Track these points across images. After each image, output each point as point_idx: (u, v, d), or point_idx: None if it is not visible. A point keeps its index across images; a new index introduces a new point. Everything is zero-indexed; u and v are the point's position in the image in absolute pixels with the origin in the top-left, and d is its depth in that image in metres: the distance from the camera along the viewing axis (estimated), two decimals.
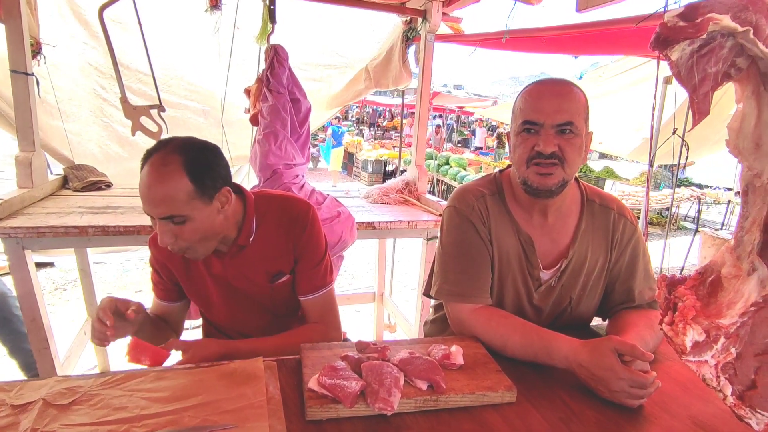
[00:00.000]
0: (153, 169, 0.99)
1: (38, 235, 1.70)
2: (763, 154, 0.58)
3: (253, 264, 1.18)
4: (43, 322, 1.86)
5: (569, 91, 1.04)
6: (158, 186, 0.98)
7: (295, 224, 1.19)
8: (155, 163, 1.00)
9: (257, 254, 1.18)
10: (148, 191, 0.98)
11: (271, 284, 1.21)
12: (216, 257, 1.17)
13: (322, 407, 0.81)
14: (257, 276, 1.19)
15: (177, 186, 0.98)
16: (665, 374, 1.04)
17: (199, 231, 1.04)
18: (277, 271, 1.21)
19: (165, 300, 1.27)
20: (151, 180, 0.98)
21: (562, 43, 2.49)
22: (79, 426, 0.73)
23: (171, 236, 1.02)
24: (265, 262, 1.19)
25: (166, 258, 1.20)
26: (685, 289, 0.62)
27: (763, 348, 0.56)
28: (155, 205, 0.99)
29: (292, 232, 1.19)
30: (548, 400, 0.92)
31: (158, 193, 0.98)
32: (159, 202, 0.98)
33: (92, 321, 1.02)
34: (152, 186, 0.98)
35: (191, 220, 1.02)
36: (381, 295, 3.28)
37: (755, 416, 0.58)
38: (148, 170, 0.99)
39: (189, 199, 1.00)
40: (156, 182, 0.98)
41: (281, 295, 1.23)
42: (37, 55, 2.27)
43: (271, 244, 1.19)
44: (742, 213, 0.61)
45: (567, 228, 1.17)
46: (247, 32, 2.63)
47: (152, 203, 0.99)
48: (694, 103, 0.54)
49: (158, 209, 0.99)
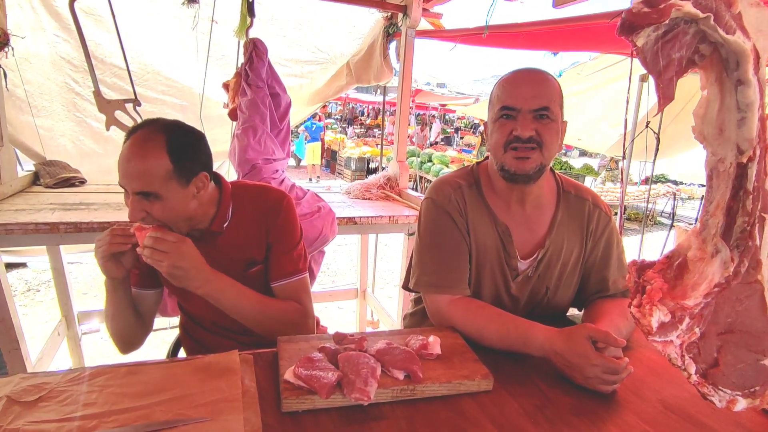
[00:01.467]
0: (135, 143, 1.01)
1: (6, 232, 1.64)
2: (725, 139, 0.59)
3: (227, 252, 1.18)
4: (13, 322, 1.80)
5: (544, 78, 1.06)
6: (137, 160, 0.99)
7: (269, 211, 1.20)
8: (138, 138, 1.01)
9: (231, 242, 1.18)
10: (127, 164, 0.99)
11: (245, 273, 1.20)
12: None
13: (298, 398, 0.80)
14: (231, 264, 1.18)
15: (156, 163, 0.99)
16: (637, 360, 1.06)
17: (172, 211, 1.04)
18: (251, 260, 1.21)
19: (139, 287, 1.22)
20: (131, 153, 0.99)
21: (540, 40, 2.52)
22: (46, 423, 0.71)
23: (142, 212, 1.02)
24: (239, 250, 1.19)
25: None
26: (653, 273, 0.64)
27: (725, 327, 0.58)
28: (131, 179, 1.00)
29: (265, 220, 1.19)
30: (524, 388, 0.93)
31: (137, 167, 0.99)
32: (136, 176, 0.99)
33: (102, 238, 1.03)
34: (131, 159, 0.99)
35: (164, 200, 1.02)
36: (363, 291, 3.28)
37: (718, 394, 0.59)
38: (130, 144, 1.01)
39: (166, 178, 1.01)
40: (136, 156, 0.99)
41: (255, 285, 1.21)
42: (4, 46, 2.18)
43: (245, 233, 1.19)
44: (707, 197, 0.63)
45: (544, 218, 1.19)
46: (226, 27, 2.59)
47: (129, 176, 1.00)
48: (660, 88, 0.55)
49: (134, 183, 1.00)
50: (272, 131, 2.14)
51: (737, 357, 0.63)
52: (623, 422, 0.84)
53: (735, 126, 0.57)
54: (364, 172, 10.32)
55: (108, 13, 2.08)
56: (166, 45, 2.79)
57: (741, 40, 0.55)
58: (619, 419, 0.85)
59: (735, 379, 0.64)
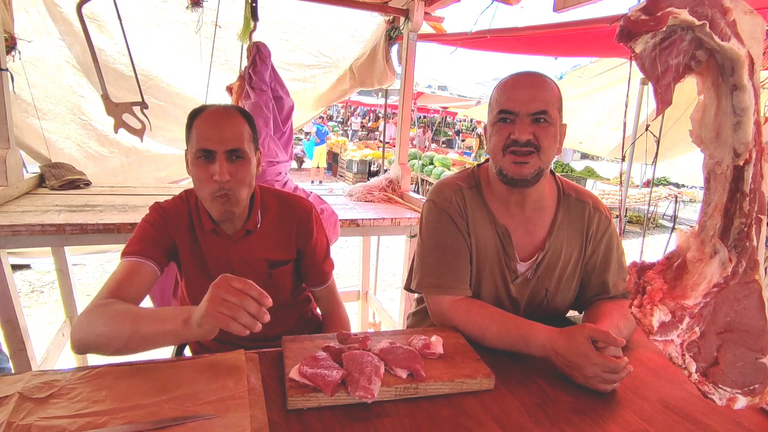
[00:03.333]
0: (221, 110, 1.10)
1: (14, 233, 1.66)
2: (722, 142, 0.61)
3: (254, 252, 1.22)
4: (19, 323, 1.82)
5: (543, 82, 1.07)
6: (228, 121, 1.08)
7: (299, 222, 1.26)
8: (219, 108, 1.11)
9: (259, 243, 1.23)
10: (219, 124, 1.07)
11: (269, 272, 1.25)
12: (221, 239, 1.19)
13: (303, 396, 0.82)
14: (257, 264, 1.23)
15: (242, 126, 1.11)
16: (637, 361, 1.07)
17: (248, 174, 1.12)
18: (276, 261, 1.26)
19: (145, 256, 1.10)
20: (221, 116, 1.08)
21: (541, 44, 2.54)
22: (57, 419, 0.73)
23: (228, 173, 1.07)
24: (265, 251, 1.23)
25: (173, 225, 1.18)
26: (653, 274, 0.65)
27: (724, 327, 0.59)
28: (224, 139, 1.06)
29: (295, 228, 1.26)
30: (525, 387, 0.94)
31: (229, 127, 1.08)
32: (229, 135, 1.07)
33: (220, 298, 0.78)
34: (222, 121, 1.08)
35: (247, 161, 1.11)
36: (365, 293, 3.29)
37: (718, 392, 0.61)
38: (215, 111, 1.09)
39: (249, 140, 1.12)
40: (226, 118, 1.08)
41: (277, 283, 1.27)
42: (11, 50, 2.22)
43: (273, 235, 1.24)
44: (705, 200, 0.64)
45: (543, 221, 1.20)
46: (229, 31, 2.61)
47: (221, 137, 1.06)
48: (658, 93, 0.56)
49: (228, 142, 1.07)
50: (275, 134, 2.16)
51: (736, 355, 0.65)
52: (623, 420, 0.85)
53: (731, 130, 0.59)
54: (365, 175, 10.34)
55: (110, 18, 2.11)
56: (168, 52, 2.80)
57: (736, 46, 0.57)
58: (619, 417, 0.86)
59: (735, 377, 0.65)
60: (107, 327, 0.90)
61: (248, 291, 0.79)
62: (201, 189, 1.11)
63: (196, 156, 1.08)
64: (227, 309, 0.78)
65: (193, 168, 1.11)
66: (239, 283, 0.79)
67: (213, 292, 0.80)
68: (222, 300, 0.78)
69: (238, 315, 0.78)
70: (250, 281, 0.80)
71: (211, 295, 0.80)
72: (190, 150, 1.11)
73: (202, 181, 1.09)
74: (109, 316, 0.92)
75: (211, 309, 0.78)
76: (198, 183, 1.11)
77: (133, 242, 1.13)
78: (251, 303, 0.78)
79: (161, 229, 1.16)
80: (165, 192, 2.42)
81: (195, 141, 1.08)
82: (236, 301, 0.78)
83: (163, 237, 1.16)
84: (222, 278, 0.81)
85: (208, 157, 1.07)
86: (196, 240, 1.20)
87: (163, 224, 1.17)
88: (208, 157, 1.07)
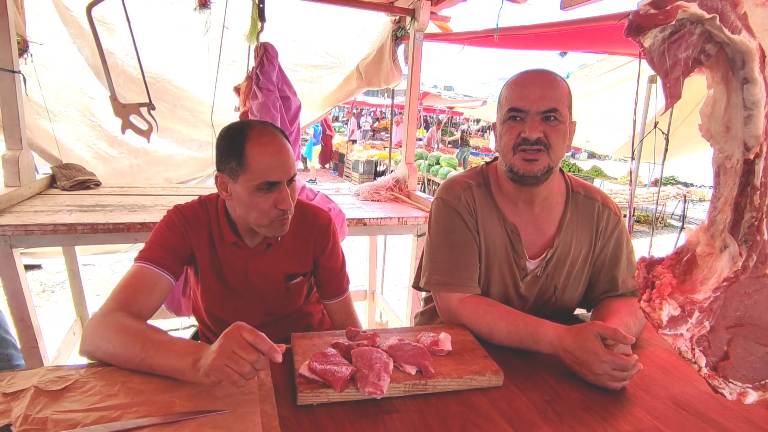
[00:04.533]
0: (276, 139, 1.08)
1: (26, 233, 1.69)
2: (732, 137, 0.61)
3: (273, 264, 1.23)
4: (31, 321, 1.84)
5: (553, 80, 1.07)
6: (286, 149, 1.09)
7: (317, 233, 1.27)
8: (273, 135, 1.08)
9: (279, 255, 1.23)
10: (280, 155, 1.07)
11: (286, 284, 1.25)
12: (241, 251, 1.19)
13: (313, 392, 0.82)
14: (275, 276, 1.24)
15: (291, 154, 1.11)
16: (648, 359, 1.07)
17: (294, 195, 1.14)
18: (293, 273, 1.26)
19: (160, 265, 1.08)
20: (279, 146, 1.07)
21: (549, 40, 2.54)
22: (71, 412, 0.74)
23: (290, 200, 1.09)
24: (283, 263, 1.24)
25: (193, 232, 1.16)
26: (662, 269, 0.65)
27: (734, 321, 0.59)
28: (287, 167, 1.08)
29: (313, 239, 1.26)
30: (534, 384, 0.94)
31: (288, 155, 1.09)
32: (290, 164, 1.09)
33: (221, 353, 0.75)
34: (282, 150, 1.07)
35: (295, 186, 1.14)
36: (372, 293, 3.30)
37: (728, 386, 0.60)
38: (271, 140, 1.07)
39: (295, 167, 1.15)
40: (284, 148, 1.08)
41: (291, 295, 1.28)
42: (24, 53, 2.25)
43: (291, 247, 1.25)
44: (715, 194, 0.64)
45: (552, 218, 1.20)
46: (237, 32, 2.63)
47: (284, 166, 1.07)
48: (667, 87, 0.56)
49: (289, 171, 1.09)
50: None
51: (747, 350, 0.64)
52: (633, 418, 0.85)
53: (741, 123, 0.59)
54: (372, 175, 10.35)
55: (120, 21, 2.13)
56: (176, 54, 2.83)
57: (746, 39, 0.56)
58: (628, 415, 0.86)
59: (745, 371, 0.64)
60: (118, 350, 0.88)
61: (259, 346, 0.75)
62: (260, 217, 1.08)
63: (260, 187, 1.05)
64: (234, 364, 0.74)
65: (251, 197, 1.06)
66: (250, 335, 0.76)
67: (223, 344, 0.76)
68: (231, 353, 0.75)
69: (245, 371, 0.75)
70: (261, 334, 0.76)
71: (221, 347, 0.76)
72: (248, 179, 1.04)
73: (264, 210, 1.07)
74: (121, 338, 0.88)
75: (218, 362, 0.75)
76: (257, 212, 1.07)
77: (152, 247, 1.10)
78: (260, 360, 0.76)
79: (181, 235, 1.14)
80: (174, 192, 2.45)
81: (259, 173, 1.04)
82: (245, 357, 0.74)
83: (182, 244, 1.14)
84: (234, 328, 0.77)
85: (269, 188, 1.06)
86: (215, 249, 1.18)
87: (183, 230, 1.15)
88: (270, 188, 1.06)
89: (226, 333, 0.78)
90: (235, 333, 0.76)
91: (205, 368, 0.77)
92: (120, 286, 1.03)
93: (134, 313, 0.98)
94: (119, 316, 0.94)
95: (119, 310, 0.96)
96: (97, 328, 0.92)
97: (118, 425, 0.72)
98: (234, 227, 1.18)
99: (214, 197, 1.21)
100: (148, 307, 1.04)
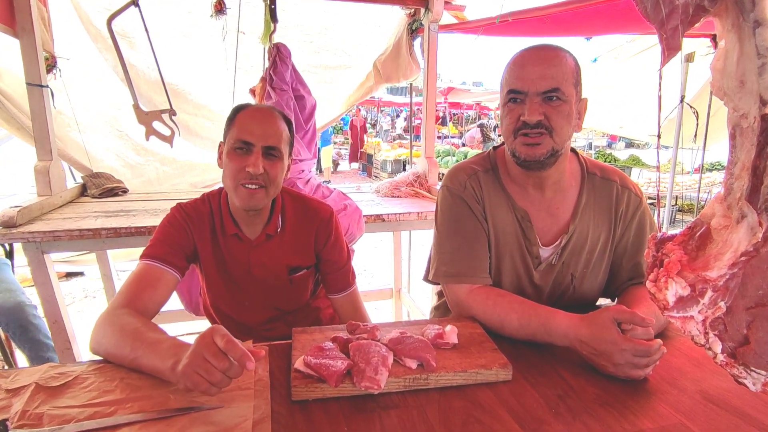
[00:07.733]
0: (265, 109, 1.13)
1: (54, 238, 1.75)
2: (747, 91, 0.53)
3: (275, 256, 1.22)
4: (65, 324, 1.92)
5: (554, 56, 0.98)
6: (271, 120, 1.11)
7: (319, 226, 1.25)
8: (264, 107, 1.15)
9: (280, 247, 1.22)
10: (261, 121, 1.10)
11: (290, 277, 1.24)
12: (242, 244, 1.20)
13: (307, 387, 0.80)
14: (278, 269, 1.23)
15: (282, 126, 1.14)
16: (677, 350, 0.99)
17: (279, 174, 1.13)
18: (296, 266, 1.25)
19: (164, 261, 1.09)
20: (264, 114, 1.12)
21: (569, 23, 2.42)
22: (68, 408, 0.74)
23: (262, 167, 1.08)
24: (286, 256, 1.23)
25: (195, 227, 1.17)
26: (673, 245, 0.58)
27: (755, 300, 0.51)
28: (265, 135, 1.09)
29: (315, 233, 1.25)
30: (546, 378, 0.88)
31: (271, 125, 1.11)
32: (270, 132, 1.10)
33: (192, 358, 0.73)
34: (265, 118, 1.11)
35: (280, 160, 1.12)
36: (398, 290, 3.26)
37: (750, 375, 0.53)
38: (259, 108, 1.13)
39: (286, 142, 1.15)
40: (269, 117, 1.12)
41: (296, 288, 1.27)
42: (52, 69, 2.36)
43: (294, 240, 1.24)
44: (731, 159, 0.57)
45: (567, 203, 1.13)
46: (254, 38, 2.66)
47: (263, 132, 1.09)
48: (663, 39, 0.50)
49: (268, 138, 1.09)
50: (298, 133, 2.17)
51: None
52: (655, 413, 0.78)
53: (756, 75, 0.51)
54: None
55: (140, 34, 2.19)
56: (194, 62, 2.89)
57: None
58: (651, 410, 0.79)
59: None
60: (114, 348, 0.88)
61: (230, 353, 0.70)
62: (231, 177, 1.09)
63: (234, 147, 1.09)
64: (204, 372, 0.71)
65: (227, 158, 1.10)
66: (222, 341, 0.71)
67: (194, 349, 0.73)
68: (202, 360, 0.71)
69: (216, 380, 0.71)
70: (234, 340, 0.71)
71: (192, 352, 0.73)
72: (228, 141, 1.11)
73: (235, 170, 1.08)
74: (117, 336, 0.88)
75: (189, 369, 0.72)
76: (229, 172, 1.09)
77: (155, 244, 1.12)
78: (232, 368, 0.71)
79: (182, 231, 1.15)
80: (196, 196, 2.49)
81: (236, 132, 1.09)
82: (216, 364, 0.70)
83: (185, 240, 1.15)
84: (208, 332, 0.74)
85: (245, 149, 1.08)
86: (217, 243, 1.19)
87: (185, 226, 1.16)
88: (246, 150, 1.08)
89: (200, 337, 0.74)
90: (207, 338, 0.72)
91: (177, 374, 0.74)
92: (126, 284, 1.05)
93: (140, 310, 0.99)
94: (121, 313, 0.95)
95: (124, 307, 0.98)
96: (101, 325, 0.94)
97: (110, 421, 0.72)
98: (234, 218, 1.18)
99: (217, 192, 1.23)
100: (154, 303, 1.05)
